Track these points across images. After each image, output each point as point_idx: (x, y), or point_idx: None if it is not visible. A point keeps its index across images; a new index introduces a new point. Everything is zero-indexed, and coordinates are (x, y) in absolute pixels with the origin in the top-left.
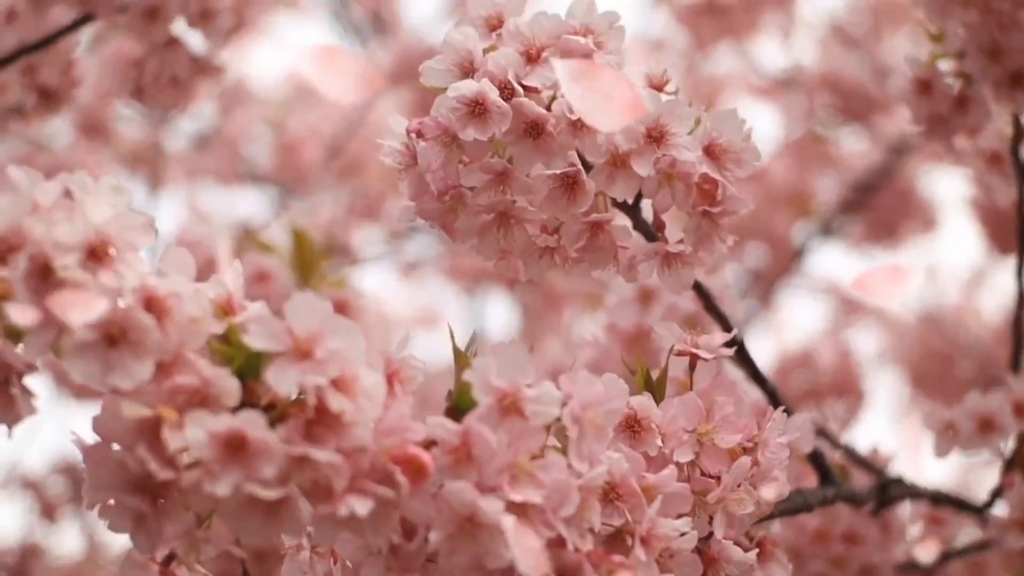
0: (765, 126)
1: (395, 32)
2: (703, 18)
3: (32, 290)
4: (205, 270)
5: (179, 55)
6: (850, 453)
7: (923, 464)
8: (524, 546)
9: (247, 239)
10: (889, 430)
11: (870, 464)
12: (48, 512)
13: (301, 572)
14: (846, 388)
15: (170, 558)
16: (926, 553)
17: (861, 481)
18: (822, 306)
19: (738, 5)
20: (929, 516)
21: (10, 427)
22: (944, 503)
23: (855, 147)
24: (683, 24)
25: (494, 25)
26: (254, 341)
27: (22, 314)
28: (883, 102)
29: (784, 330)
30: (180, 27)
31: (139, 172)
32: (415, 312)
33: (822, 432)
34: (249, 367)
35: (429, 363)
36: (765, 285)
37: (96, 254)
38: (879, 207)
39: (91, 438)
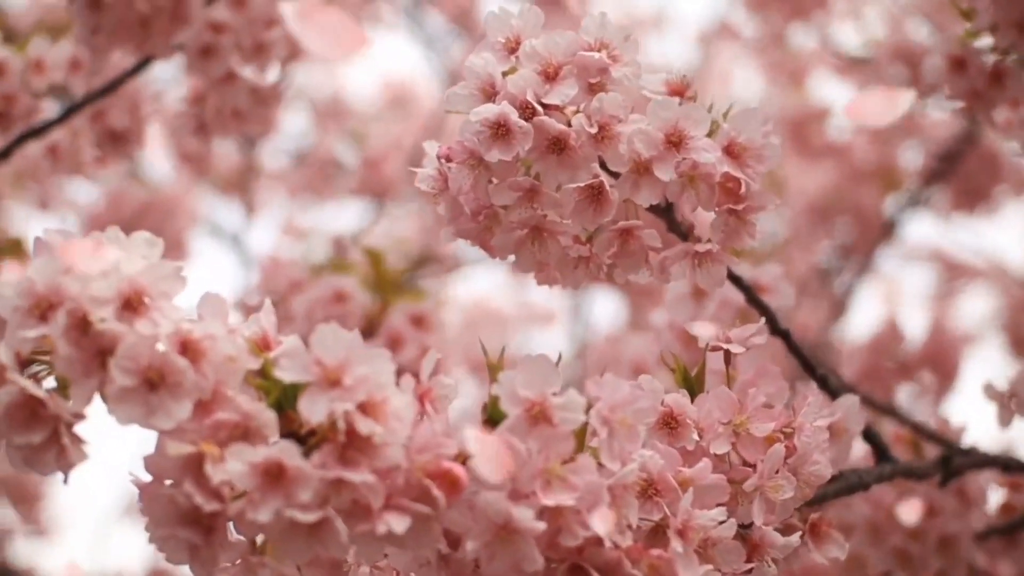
0: (845, 103)
1: (477, 38)
2: (772, 2)
3: (73, 344)
4: (289, 292)
5: (238, 88)
6: (918, 428)
7: None
8: (485, 454)
9: (339, 252)
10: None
11: (940, 437)
12: None
13: None
14: (940, 361)
15: None
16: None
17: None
18: (925, 275)
19: None
20: (1009, 483)
21: (65, 474)
22: (1016, 470)
23: (937, 116)
24: (753, 9)
25: (512, 48)
26: (284, 374)
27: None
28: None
29: (890, 295)
30: (236, 62)
31: (234, 196)
32: (526, 311)
33: (888, 410)
34: (286, 398)
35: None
36: (861, 255)
37: (131, 304)
38: (966, 174)
39: (145, 476)
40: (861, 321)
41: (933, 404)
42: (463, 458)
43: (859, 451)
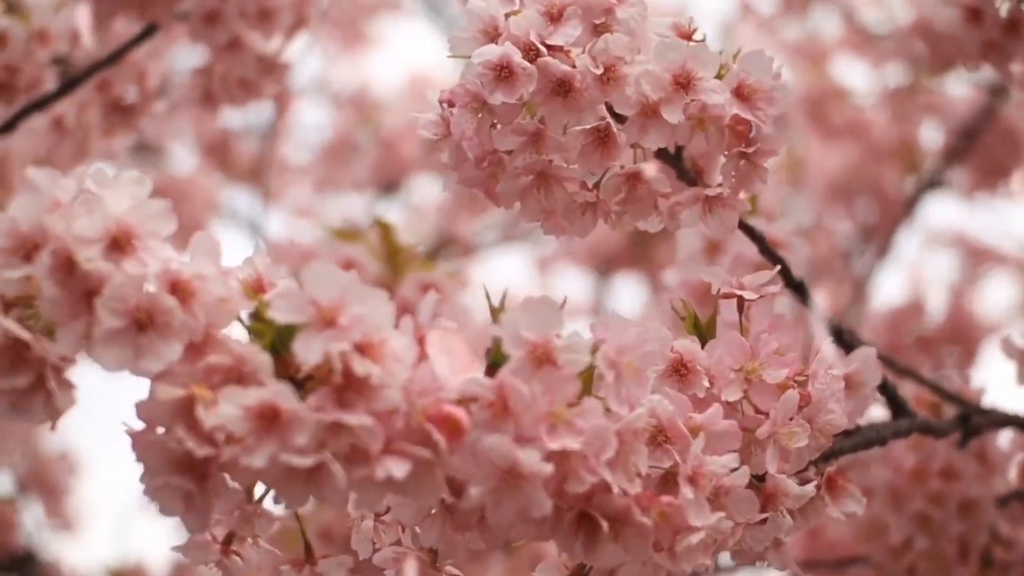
0: (863, 81)
1: None
2: None
3: (58, 284)
4: (300, 264)
5: (244, 56)
6: (937, 388)
7: None
8: (440, 350)
9: (349, 236)
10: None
11: (960, 399)
12: None
13: (369, 542)
14: (961, 338)
15: (230, 537)
16: None
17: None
18: (946, 256)
19: None
20: None
21: (52, 421)
22: None
23: (957, 94)
24: None
25: None
26: (278, 315)
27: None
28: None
29: (913, 279)
30: (242, 29)
31: (252, 185)
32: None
33: (908, 371)
34: (281, 341)
35: None
36: (882, 238)
37: (118, 244)
38: (986, 152)
39: (138, 424)
40: (882, 304)
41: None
42: (465, 402)
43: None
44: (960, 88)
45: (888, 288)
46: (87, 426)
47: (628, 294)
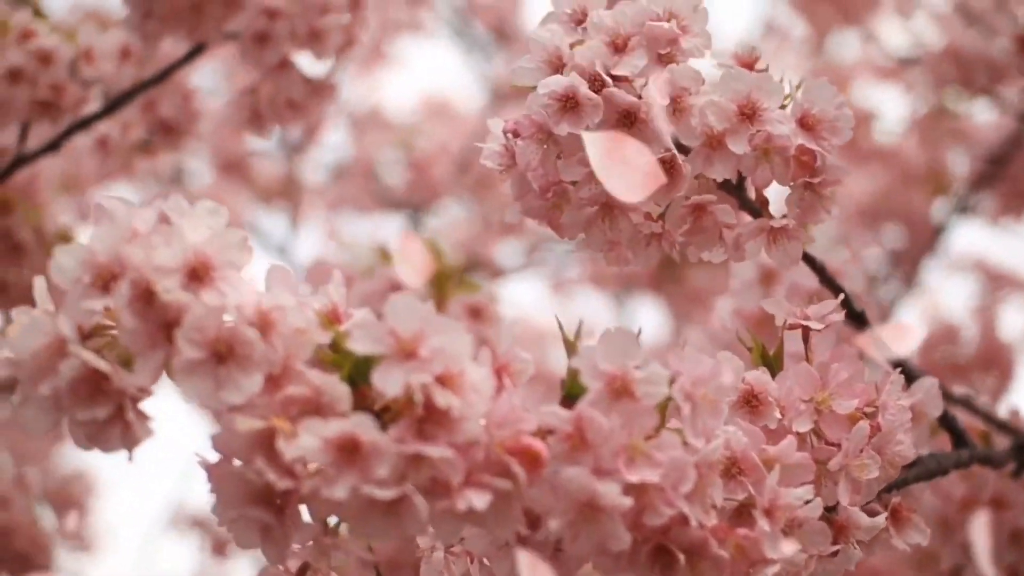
0: (892, 107)
1: (519, 46)
2: (819, 3)
3: (137, 315)
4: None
5: (293, 77)
6: (989, 418)
7: None
8: (407, 258)
9: (382, 259)
10: None
11: (1011, 427)
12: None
13: (438, 574)
14: (994, 362)
15: (304, 569)
16: None
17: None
18: (969, 283)
19: None
20: None
21: (129, 451)
22: None
23: (985, 119)
24: (800, 11)
25: (579, 19)
26: (358, 346)
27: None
28: (1008, 71)
29: (932, 309)
30: (291, 50)
31: (278, 206)
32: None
33: (961, 400)
34: (359, 373)
35: None
36: (908, 265)
37: (197, 275)
38: (1014, 177)
39: (213, 456)
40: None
41: (991, 404)
42: (543, 434)
43: None
44: (988, 114)
45: (914, 314)
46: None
47: (647, 317)
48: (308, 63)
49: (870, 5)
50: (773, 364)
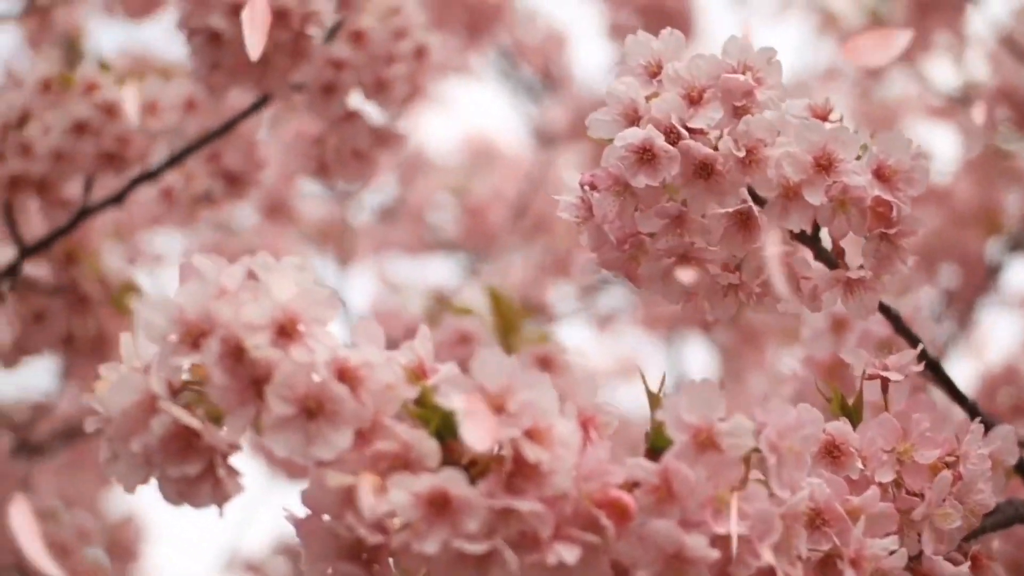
0: (944, 146)
1: (566, 89)
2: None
3: (227, 372)
4: (402, 340)
5: (359, 128)
6: None
7: None
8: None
9: (440, 305)
10: None
11: None
12: None
13: None
14: None
15: None
16: None
17: None
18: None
19: (910, 26)
20: None
21: (220, 507)
22: None
23: None
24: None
25: (654, 72)
26: (447, 401)
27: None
28: None
29: (986, 349)
30: (356, 100)
31: (326, 249)
32: (613, 363)
33: None
34: (446, 427)
35: (630, 413)
36: (962, 305)
37: (285, 331)
38: None
39: (302, 512)
40: (960, 372)
41: None
42: (630, 486)
43: None
44: None
45: (963, 357)
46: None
47: (697, 356)
48: (374, 112)
49: (923, 45)
50: (853, 414)
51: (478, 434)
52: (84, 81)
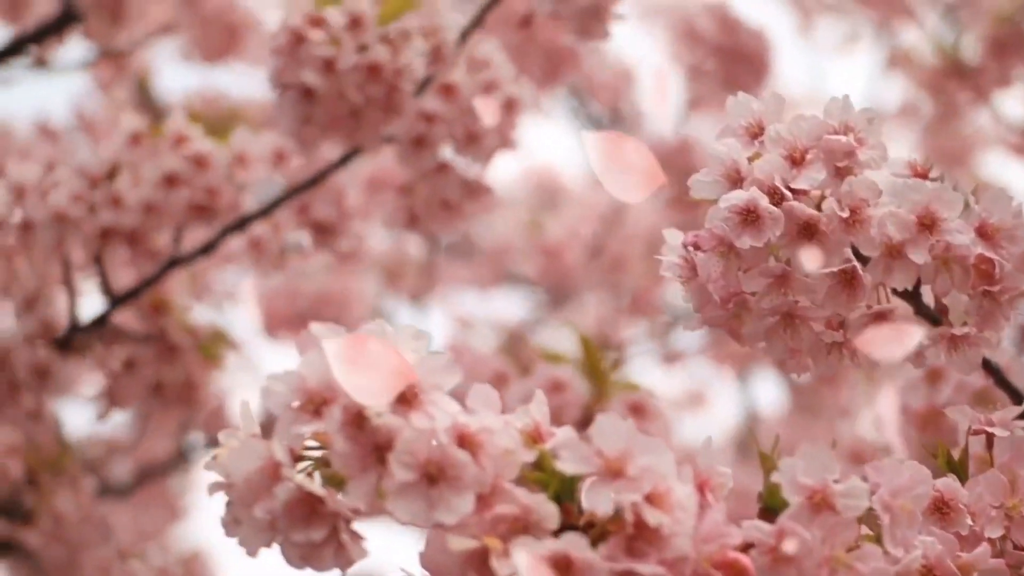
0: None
1: (635, 125)
2: (950, 80)
3: (350, 439)
4: (496, 383)
5: (450, 180)
6: None
7: None
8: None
9: (515, 344)
10: None
11: None
12: None
13: None
14: None
15: None
16: None
17: None
18: None
19: (988, 63)
20: None
21: (343, 571)
22: None
23: None
24: (928, 89)
25: (755, 133)
26: (567, 466)
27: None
28: None
29: None
30: (447, 152)
31: (398, 286)
32: (680, 395)
33: None
34: (564, 490)
35: (697, 444)
36: None
37: (405, 398)
38: None
39: (420, 574)
40: None
41: None
42: (746, 547)
43: None
44: None
45: None
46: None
47: (765, 391)
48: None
49: (1000, 81)
50: (959, 470)
51: (600, 499)
52: (173, 133)
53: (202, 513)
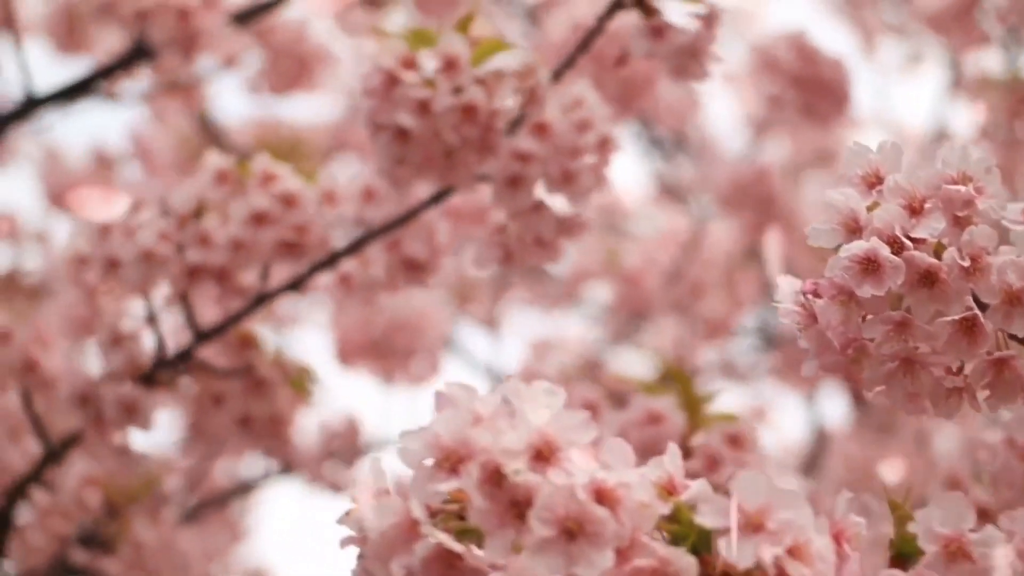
0: None
1: (700, 150)
2: None
3: (487, 496)
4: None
5: (546, 219)
6: None
7: None
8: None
9: (589, 369)
10: None
11: None
12: None
13: None
14: None
15: None
16: None
17: None
18: None
19: None
20: None
21: None
22: None
23: None
24: (1004, 115)
25: (872, 182)
26: (706, 520)
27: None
28: None
29: None
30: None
31: (470, 309)
32: (743, 410)
33: None
34: (700, 542)
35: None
36: None
37: (543, 455)
38: None
39: None
40: None
41: None
42: None
43: None
44: None
45: None
46: (281, 544)
47: (833, 409)
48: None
49: None
50: None
51: (744, 553)
52: (261, 172)
53: (261, 535)
